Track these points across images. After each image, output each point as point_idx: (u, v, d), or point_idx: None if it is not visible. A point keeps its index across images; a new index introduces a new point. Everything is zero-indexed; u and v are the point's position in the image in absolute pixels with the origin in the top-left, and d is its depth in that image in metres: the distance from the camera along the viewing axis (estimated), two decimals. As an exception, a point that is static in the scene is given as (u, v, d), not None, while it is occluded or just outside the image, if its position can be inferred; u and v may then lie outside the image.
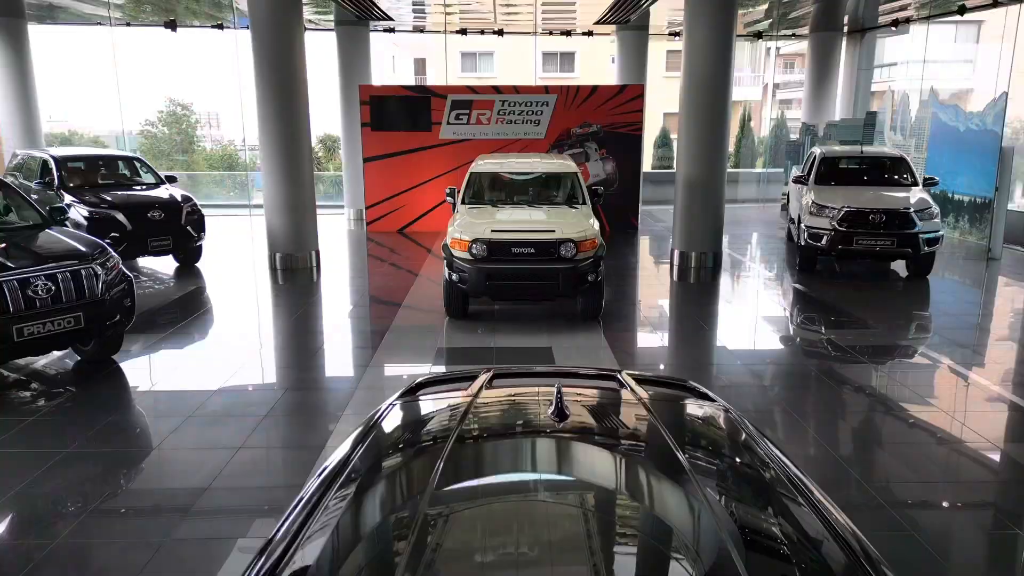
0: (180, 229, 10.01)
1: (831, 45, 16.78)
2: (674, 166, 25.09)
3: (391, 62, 37.79)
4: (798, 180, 10.85)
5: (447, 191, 8.70)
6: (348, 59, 15.34)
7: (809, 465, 4.61)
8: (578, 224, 7.58)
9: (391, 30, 16.49)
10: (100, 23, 15.22)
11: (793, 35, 17.88)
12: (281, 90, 10.11)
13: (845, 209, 9.43)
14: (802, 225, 9.98)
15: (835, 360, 6.71)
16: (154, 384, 6.08)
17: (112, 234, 9.45)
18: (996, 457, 4.77)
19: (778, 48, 21.85)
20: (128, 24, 15.30)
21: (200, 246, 10.63)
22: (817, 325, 8.01)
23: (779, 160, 19.01)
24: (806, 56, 17.10)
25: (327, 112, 17.13)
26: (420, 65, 37.98)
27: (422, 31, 17.02)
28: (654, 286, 10.03)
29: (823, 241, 9.60)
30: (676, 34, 17.38)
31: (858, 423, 5.38)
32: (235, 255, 11.89)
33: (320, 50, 16.36)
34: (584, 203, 8.37)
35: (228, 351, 6.92)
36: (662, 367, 6.60)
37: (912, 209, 9.31)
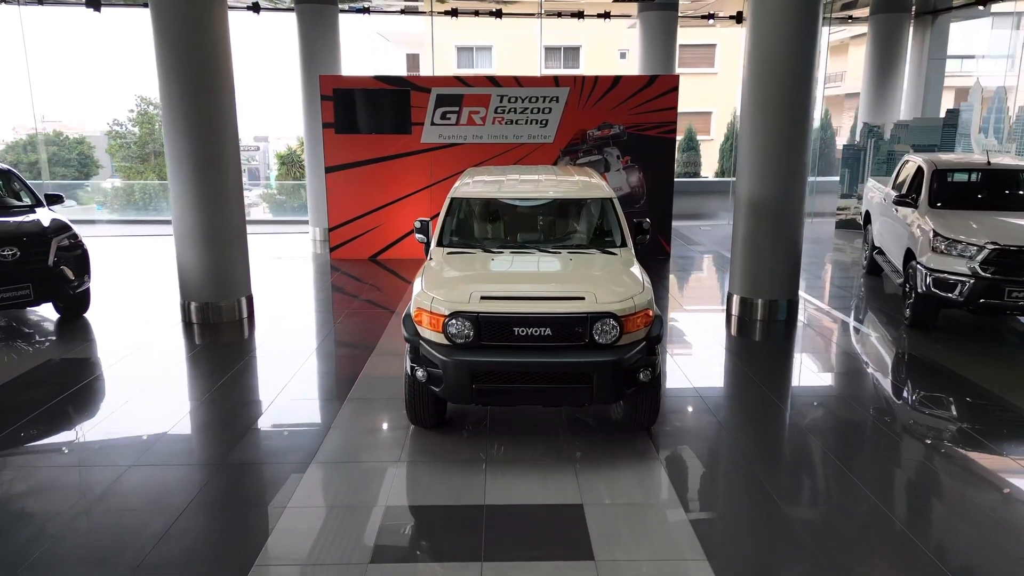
0: (47, 271, 7.14)
1: (896, 30, 13.92)
2: (709, 175, 22.24)
3: (382, 59, 34.96)
4: (902, 202, 7.99)
5: (416, 225, 5.86)
6: (311, 46, 12.46)
7: None
8: (620, 283, 4.74)
9: (366, 10, 13.62)
10: (5, 2, 12.37)
11: (850, 19, 15.02)
12: (194, 83, 7.26)
13: (993, 247, 6.58)
14: (919, 265, 7.13)
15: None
16: None
17: (-58, 282, 6.62)
18: None
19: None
20: (40, 3, 12.43)
21: (85, 291, 7.77)
22: (978, 432, 5.14)
23: (827, 167, 16.18)
24: (865, 44, 14.25)
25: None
26: (413, 61, 35.09)
27: (404, 12, 14.19)
28: (710, 349, 7.17)
29: (957, 292, 6.75)
30: (710, 16, 14.56)
31: None
32: (152, 297, 9.03)
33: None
34: (624, 244, 5.52)
35: (71, 484, 4.10)
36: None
37: (1094, 248, 6.47)
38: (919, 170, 8.26)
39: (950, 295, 6.82)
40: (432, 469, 4.50)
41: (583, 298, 4.50)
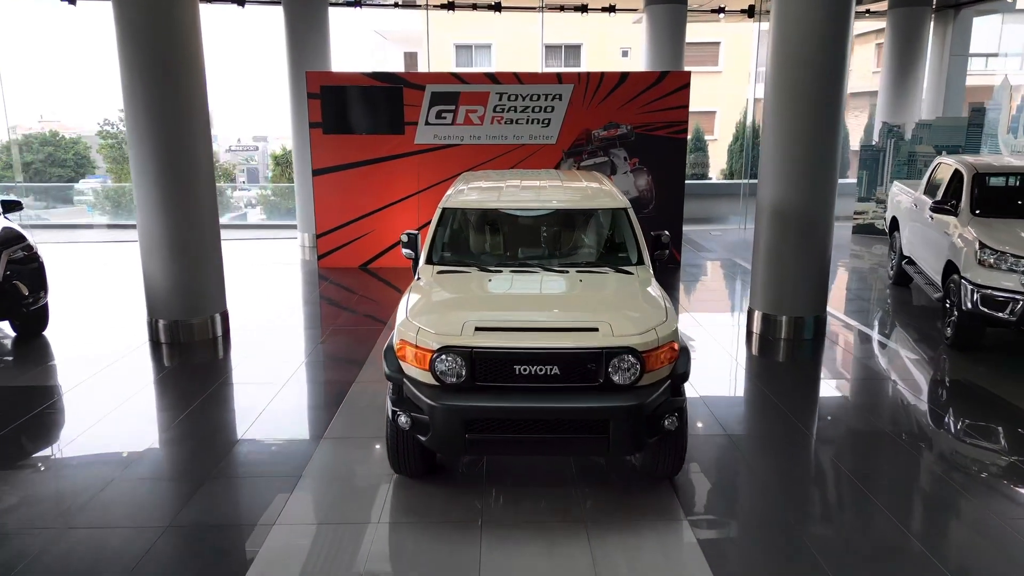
0: (-5, 288, 6.46)
1: (917, 24, 13.22)
2: (715, 176, 21.45)
3: (380, 57, 34.28)
4: (941, 209, 7.31)
5: (402, 238, 5.17)
6: (299, 41, 11.77)
7: None
8: (639, 310, 4.04)
9: (358, 3, 12.92)
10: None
11: (867, 12, 14.32)
12: (160, 78, 6.57)
13: (1050, 262, 5.90)
14: (964, 281, 6.44)
15: None
16: None
17: None
18: None
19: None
20: (13, -6, 11.74)
21: (42, 307, 7.09)
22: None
23: (840, 168, 15.47)
24: (884, 39, 13.55)
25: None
26: (411, 60, 34.38)
27: (399, 6, 13.48)
28: (732, 373, 6.47)
29: (1008, 311, 6.07)
30: (720, 10, 13.86)
31: None
32: (120, 312, 8.33)
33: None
34: (640, 262, 4.83)
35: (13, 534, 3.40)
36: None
37: None
38: (956, 174, 7.57)
39: (1000, 314, 6.13)
40: (418, 533, 3.80)
41: (596, 329, 3.81)
